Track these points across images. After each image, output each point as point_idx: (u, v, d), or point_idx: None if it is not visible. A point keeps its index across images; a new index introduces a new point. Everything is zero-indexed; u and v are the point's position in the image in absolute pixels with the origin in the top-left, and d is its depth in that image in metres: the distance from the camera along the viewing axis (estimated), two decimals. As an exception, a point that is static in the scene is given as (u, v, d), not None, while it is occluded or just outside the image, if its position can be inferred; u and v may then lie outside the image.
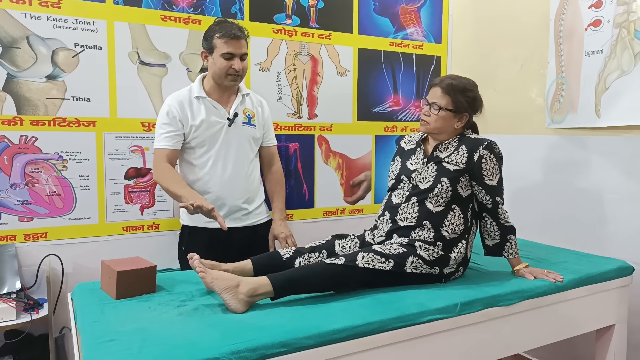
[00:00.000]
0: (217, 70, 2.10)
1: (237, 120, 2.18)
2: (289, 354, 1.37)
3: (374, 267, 1.70)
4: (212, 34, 2.09)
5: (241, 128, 2.20)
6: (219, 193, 2.16)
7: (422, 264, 1.78)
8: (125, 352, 1.28)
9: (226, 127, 2.16)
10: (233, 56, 2.09)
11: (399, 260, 1.75)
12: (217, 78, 2.13)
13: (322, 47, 2.84)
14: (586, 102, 2.45)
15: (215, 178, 2.15)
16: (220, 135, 2.15)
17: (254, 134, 2.25)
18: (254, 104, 2.29)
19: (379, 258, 1.72)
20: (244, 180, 2.20)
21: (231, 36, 2.06)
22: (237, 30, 2.09)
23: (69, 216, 2.31)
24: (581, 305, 1.98)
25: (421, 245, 1.81)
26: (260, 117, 2.29)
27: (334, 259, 1.69)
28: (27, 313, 2.00)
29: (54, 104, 2.25)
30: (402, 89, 3.10)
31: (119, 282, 1.66)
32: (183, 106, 2.13)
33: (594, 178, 2.46)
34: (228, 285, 1.54)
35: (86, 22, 2.28)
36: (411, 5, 3.09)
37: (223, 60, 2.08)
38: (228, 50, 2.07)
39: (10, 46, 2.16)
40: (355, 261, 1.68)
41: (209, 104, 2.15)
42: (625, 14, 2.28)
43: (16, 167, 2.21)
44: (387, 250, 1.75)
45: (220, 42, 2.07)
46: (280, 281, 1.61)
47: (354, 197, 3.03)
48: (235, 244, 2.15)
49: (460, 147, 1.90)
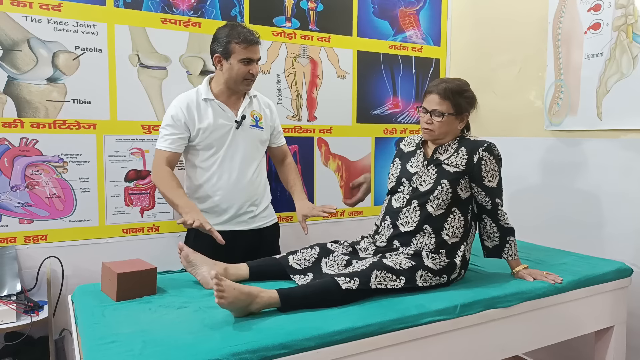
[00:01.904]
0: (234, 76, 2.08)
1: (244, 122, 2.16)
2: (289, 355, 1.37)
3: (386, 287, 1.70)
4: (228, 39, 2.06)
5: (249, 131, 2.19)
6: (225, 196, 2.15)
7: (431, 276, 1.79)
8: (126, 354, 1.28)
9: (234, 130, 2.15)
10: (251, 61, 2.08)
11: (409, 275, 1.75)
12: (232, 83, 2.11)
13: (322, 50, 2.85)
14: (587, 105, 2.46)
15: (221, 181, 2.14)
16: (227, 138, 2.14)
17: (261, 137, 2.24)
18: (262, 105, 2.28)
19: (391, 276, 1.71)
20: (250, 183, 2.19)
21: (250, 42, 2.05)
22: (254, 36, 2.08)
23: (69, 218, 2.31)
24: (580, 307, 1.98)
25: (427, 254, 1.81)
26: (268, 119, 2.27)
27: (347, 279, 1.64)
28: (27, 315, 2.01)
29: (54, 107, 2.26)
30: (402, 91, 3.11)
31: (120, 284, 1.66)
32: (190, 109, 2.11)
33: (593, 180, 2.46)
34: (242, 306, 1.51)
35: (87, 25, 2.29)
36: (410, 8, 3.10)
37: (242, 65, 2.06)
38: (247, 55, 2.06)
39: (11, 49, 2.17)
40: (369, 283, 1.67)
41: (217, 106, 2.14)
42: (623, 17, 2.30)
43: (16, 169, 2.21)
44: (397, 266, 1.75)
45: (239, 48, 2.04)
46: (292, 299, 1.58)
47: (354, 199, 3.03)
48: (241, 247, 2.14)
49: (460, 149, 1.91)
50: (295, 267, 1.86)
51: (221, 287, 1.45)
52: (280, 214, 2.73)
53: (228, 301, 1.46)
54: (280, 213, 2.72)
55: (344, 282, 1.64)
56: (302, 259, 1.88)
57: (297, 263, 1.87)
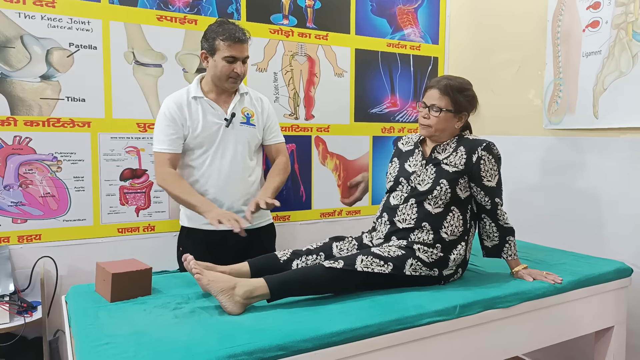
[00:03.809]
0: (218, 73, 2.06)
1: (234, 120, 2.14)
2: (287, 357, 1.35)
3: (372, 270, 1.69)
4: (214, 35, 2.03)
5: (239, 128, 2.16)
6: (216, 195, 2.12)
7: (421, 266, 1.77)
8: (121, 355, 1.26)
9: (224, 128, 2.12)
10: (236, 59, 2.04)
11: (398, 263, 1.74)
12: (217, 80, 2.10)
13: (319, 48, 2.83)
14: (584, 104, 2.45)
15: (212, 180, 2.12)
16: (217, 136, 2.12)
17: (253, 134, 2.20)
18: (253, 101, 2.24)
19: (378, 261, 1.71)
20: (242, 182, 2.16)
21: (235, 40, 2.01)
22: (241, 34, 2.03)
23: (64, 218, 2.29)
24: (580, 307, 1.97)
25: (420, 247, 1.79)
26: (259, 115, 2.23)
27: (332, 262, 1.67)
28: (20, 316, 1.99)
29: (48, 104, 2.23)
30: (400, 90, 3.09)
31: (114, 285, 1.64)
32: (181, 107, 2.09)
33: (592, 179, 2.45)
34: (224, 287, 1.52)
35: (81, 21, 2.26)
36: (408, 6, 3.08)
37: (225, 63, 2.03)
38: (231, 53, 2.02)
39: (4, 46, 2.14)
40: (354, 265, 1.67)
41: (207, 104, 2.12)
42: (623, 15, 2.28)
43: (10, 168, 2.18)
44: (385, 253, 1.74)
45: (224, 45, 2.01)
46: (277, 283, 1.59)
47: (351, 198, 3.01)
48: (232, 246, 2.12)
49: (459, 148, 1.89)
50: None
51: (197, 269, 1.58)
52: (277, 213, 2.72)
53: (208, 279, 1.55)
54: (276, 212, 2.70)
55: (329, 263, 1.65)
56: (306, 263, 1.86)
57: None
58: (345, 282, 1.66)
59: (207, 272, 1.58)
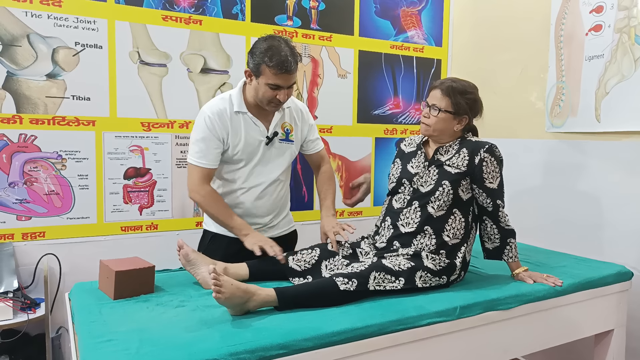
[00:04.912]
0: (260, 96, 1.93)
1: (275, 138, 2.05)
2: (288, 356, 1.36)
3: (384, 288, 1.69)
4: (262, 58, 1.86)
5: (278, 145, 2.06)
6: (248, 208, 2.06)
7: (430, 277, 1.78)
8: (123, 352, 1.27)
9: (264, 145, 2.02)
10: (280, 88, 1.90)
11: (408, 276, 1.74)
12: (257, 102, 1.97)
13: (323, 49, 2.84)
14: (586, 107, 2.45)
15: (246, 195, 2.05)
16: (257, 153, 2.02)
17: (291, 151, 2.12)
18: (293, 114, 2.12)
19: (389, 278, 1.71)
20: (275, 197, 2.11)
21: (282, 70, 1.84)
22: (291, 63, 1.86)
23: (67, 215, 2.30)
24: (580, 310, 1.97)
25: (427, 255, 1.80)
26: (298, 130, 2.13)
27: (345, 280, 1.63)
28: (24, 312, 2.00)
29: (53, 103, 2.25)
30: (403, 91, 3.10)
31: (117, 282, 1.65)
32: (224, 120, 1.96)
33: (594, 182, 2.46)
34: (238, 303, 1.51)
35: (87, 21, 2.28)
36: (412, 8, 3.09)
37: (268, 89, 1.89)
38: (276, 82, 1.87)
39: (10, 44, 2.16)
40: (367, 284, 1.66)
41: (249, 119, 2.00)
42: (626, 19, 2.29)
43: (15, 165, 2.20)
44: (396, 267, 1.74)
45: (269, 72, 1.85)
46: (289, 297, 1.58)
47: (353, 199, 3.02)
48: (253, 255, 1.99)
49: (461, 150, 1.90)
50: (295, 269, 1.85)
51: (219, 282, 1.45)
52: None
53: (225, 296, 1.46)
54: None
55: (342, 282, 1.63)
56: (302, 260, 1.87)
57: (297, 264, 1.86)
58: (357, 298, 1.66)
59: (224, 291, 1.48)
